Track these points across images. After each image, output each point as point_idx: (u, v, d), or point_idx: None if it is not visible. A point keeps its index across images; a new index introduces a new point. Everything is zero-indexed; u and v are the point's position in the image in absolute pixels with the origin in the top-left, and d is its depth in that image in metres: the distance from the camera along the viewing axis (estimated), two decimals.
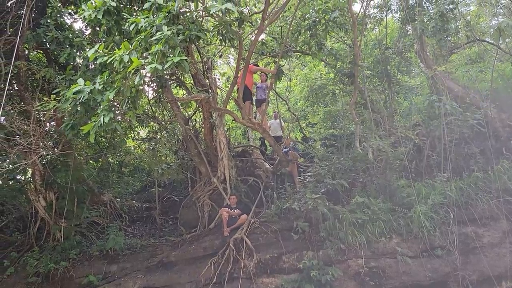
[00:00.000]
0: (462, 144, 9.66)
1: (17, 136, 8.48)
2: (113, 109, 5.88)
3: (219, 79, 14.24)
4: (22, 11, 8.20)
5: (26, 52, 9.24)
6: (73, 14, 9.43)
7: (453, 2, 10.09)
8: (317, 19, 8.75)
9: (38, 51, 10.13)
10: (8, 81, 7.05)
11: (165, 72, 6.85)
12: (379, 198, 8.62)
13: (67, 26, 8.89)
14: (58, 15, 8.67)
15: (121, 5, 6.70)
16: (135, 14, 6.87)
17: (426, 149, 9.91)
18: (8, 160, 9.11)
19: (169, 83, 10.40)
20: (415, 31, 11.37)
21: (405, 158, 9.43)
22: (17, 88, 9.34)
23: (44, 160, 9.76)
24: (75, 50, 8.33)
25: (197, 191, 10.85)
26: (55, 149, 9.48)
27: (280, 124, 13.05)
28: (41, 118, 8.96)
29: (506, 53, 11.13)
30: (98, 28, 7.64)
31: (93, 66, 7.81)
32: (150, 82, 7.78)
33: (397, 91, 13.42)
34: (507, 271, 7.32)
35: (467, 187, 8.42)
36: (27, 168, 9.66)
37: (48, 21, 8.42)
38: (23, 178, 10.26)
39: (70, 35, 8.32)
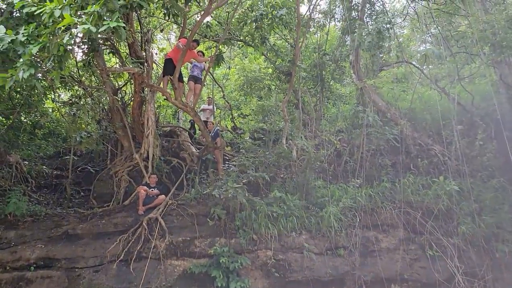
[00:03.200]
0: (377, 155, 10.47)
1: None
2: (35, 65, 5.39)
3: (156, 53, 13.74)
4: None
5: None
6: None
7: (390, 23, 10.79)
8: (264, 13, 8.84)
9: None
10: None
11: (99, 36, 6.45)
12: (295, 195, 9.02)
13: None
14: None
15: None
16: None
17: (345, 155, 10.59)
18: None
19: (102, 48, 9.78)
20: (353, 42, 12.03)
21: (325, 160, 10.02)
22: None
23: None
24: None
25: (116, 165, 10.40)
26: None
27: (213, 110, 12.97)
28: None
29: (428, 78, 12.20)
30: None
31: (18, 14, 7.03)
32: (81, 44, 7.28)
33: (328, 96, 14.10)
34: (397, 276, 8.12)
35: (375, 195, 9.16)
36: None
37: None
38: None
39: None
